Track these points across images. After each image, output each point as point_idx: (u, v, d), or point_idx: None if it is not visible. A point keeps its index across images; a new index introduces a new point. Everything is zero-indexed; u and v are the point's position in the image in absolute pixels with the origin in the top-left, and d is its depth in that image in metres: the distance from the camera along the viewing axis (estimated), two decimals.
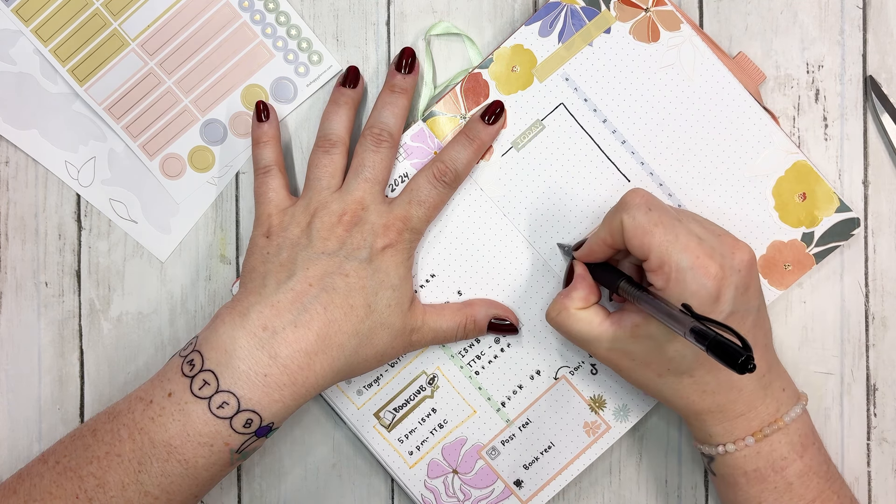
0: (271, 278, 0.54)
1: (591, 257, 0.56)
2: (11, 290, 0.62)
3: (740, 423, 0.53)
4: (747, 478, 0.54)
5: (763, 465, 0.53)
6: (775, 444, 0.53)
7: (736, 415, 0.53)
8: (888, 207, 0.61)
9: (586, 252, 0.56)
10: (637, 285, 0.53)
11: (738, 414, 0.53)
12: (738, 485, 0.54)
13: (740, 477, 0.54)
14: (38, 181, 0.61)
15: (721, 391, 0.53)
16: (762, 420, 0.53)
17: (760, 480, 0.53)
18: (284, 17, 0.61)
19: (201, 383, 0.51)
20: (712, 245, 0.51)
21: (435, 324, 0.57)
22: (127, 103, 0.61)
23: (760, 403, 0.53)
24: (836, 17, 0.61)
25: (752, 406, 0.53)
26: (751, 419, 0.53)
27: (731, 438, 0.53)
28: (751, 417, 0.53)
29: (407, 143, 0.59)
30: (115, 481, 0.50)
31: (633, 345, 0.53)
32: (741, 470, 0.54)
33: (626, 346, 0.53)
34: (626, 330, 0.53)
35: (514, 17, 0.61)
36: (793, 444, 0.54)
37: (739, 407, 0.53)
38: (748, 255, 0.52)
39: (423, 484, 0.60)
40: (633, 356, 0.53)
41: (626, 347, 0.53)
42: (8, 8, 0.60)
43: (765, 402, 0.53)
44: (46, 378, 0.62)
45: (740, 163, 0.59)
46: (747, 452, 0.53)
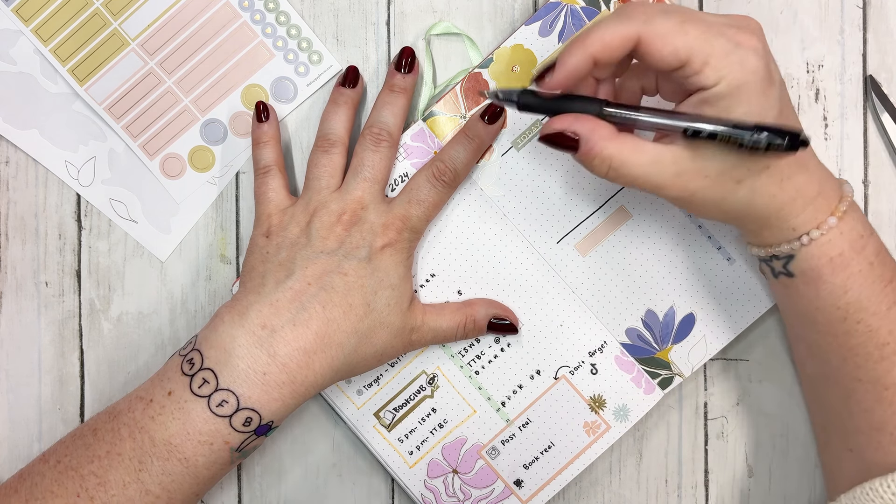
0: (270, 277, 0.54)
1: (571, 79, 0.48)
2: (11, 290, 0.62)
3: (820, 204, 0.50)
4: (832, 265, 0.50)
5: (846, 247, 0.50)
6: (852, 221, 0.51)
7: (813, 196, 0.50)
8: (888, 207, 0.61)
9: (566, 75, 0.47)
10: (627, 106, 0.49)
11: (815, 195, 0.50)
12: (821, 277, 0.50)
13: (825, 267, 0.50)
14: (38, 181, 0.62)
15: (794, 173, 0.49)
16: (833, 197, 0.51)
17: (844, 266, 0.50)
18: (284, 16, 0.61)
19: (201, 382, 0.51)
20: (733, 24, 0.48)
21: (434, 323, 0.57)
22: (127, 103, 0.61)
23: (826, 181, 0.51)
24: (836, 16, 0.61)
25: (821, 184, 0.50)
26: (827, 198, 0.50)
27: (815, 223, 0.50)
28: (825, 196, 0.50)
29: (407, 143, 0.59)
30: (116, 480, 0.50)
31: (704, 157, 0.48)
32: (826, 258, 0.50)
33: (695, 162, 0.48)
34: (687, 144, 0.48)
35: (514, 16, 0.61)
36: (863, 220, 0.51)
37: (813, 187, 0.50)
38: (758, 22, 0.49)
39: (423, 484, 0.60)
40: (707, 169, 0.48)
41: (697, 164, 0.48)
42: (8, 8, 0.60)
43: (828, 178, 0.51)
44: (47, 378, 0.62)
45: None
46: (832, 235, 0.50)
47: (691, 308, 0.59)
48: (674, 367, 0.59)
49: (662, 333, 0.59)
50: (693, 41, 0.45)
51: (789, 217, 0.50)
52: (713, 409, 0.62)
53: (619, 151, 0.48)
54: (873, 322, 0.50)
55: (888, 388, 0.50)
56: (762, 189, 0.49)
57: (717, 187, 0.49)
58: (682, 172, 0.48)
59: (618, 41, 0.46)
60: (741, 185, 0.49)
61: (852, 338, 0.51)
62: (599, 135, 0.48)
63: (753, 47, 0.46)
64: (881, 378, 0.51)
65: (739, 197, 0.49)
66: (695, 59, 0.46)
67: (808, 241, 0.50)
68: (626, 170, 0.48)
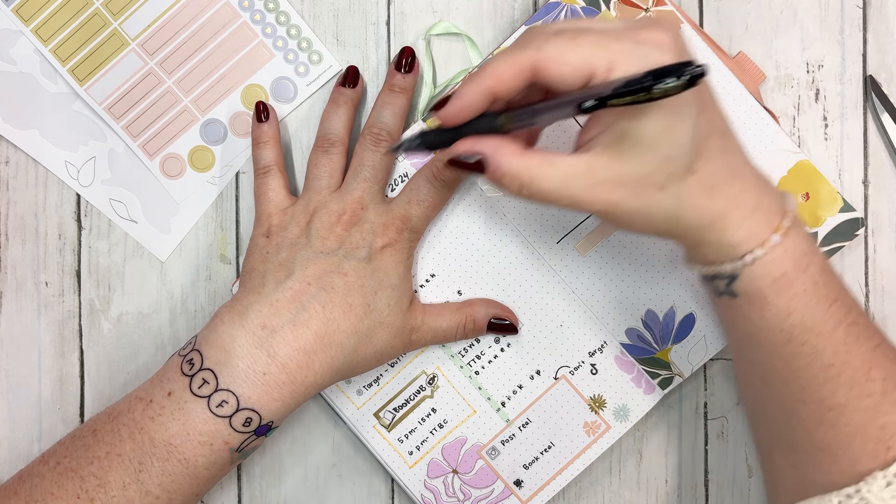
0: (270, 277, 0.54)
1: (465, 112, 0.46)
2: (11, 290, 0.62)
3: (760, 218, 0.47)
4: (776, 286, 0.48)
5: (790, 267, 0.48)
6: (796, 238, 0.48)
7: (752, 208, 0.47)
8: (888, 207, 0.61)
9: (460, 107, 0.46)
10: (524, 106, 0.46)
11: (754, 207, 0.47)
12: (765, 299, 0.48)
13: (769, 288, 0.48)
14: (38, 181, 0.61)
15: (727, 181, 0.47)
16: (775, 211, 0.48)
17: (788, 286, 0.48)
18: (284, 16, 0.61)
19: (200, 382, 0.51)
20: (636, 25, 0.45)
21: (434, 323, 0.57)
22: (127, 103, 0.61)
23: (765, 192, 0.48)
24: (836, 16, 0.61)
25: (760, 196, 0.48)
26: (767, 211, 0.48)
27: (758, 241, 0.47)
28: (766, 209, 0.48)
29: None
30: (116, 481, 0.50)
31: (620, 163, 0.45)
32: (770, 278, 0.48)
33: (611, 170, 0.45)
34: (601, 151, 0.45)
35: (514, 16, 0.61)
36: (807, 237, 0.49)
37: (751, 197, 0.47)
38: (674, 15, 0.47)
39: (423, 484, 0.60)
40: (625, 178, 0.45)
41: (613, 172, 0.45)
42: (8, 8, 0.60)
43: (767, 189, 0.49)
44: (46, 378, 0.62)
45: None
46: (775, 254, 0.47)
47: (691, 308, 0.59)
48: (674, 368, 0.59)
49: (662, 333, 0.59)
50: (588, 51, 0.43)
51: (726, 232, 0.47)
52: (713, 409, 0.62)
53: (528, 167, 0.45)
54: (818, 343, 0.48)
55: (832, 410, 0.49)
56: (689, 197, 0.46)
57: (638, 196, 0.46)
58: (597, 183, 0.45)
59: (512, 73, 0.44)
60: (665, 192, 0.46)
61: (797, 360, 0.49)
62: (504, 152, 0.46)
63: (655, 41, 0.44)
64: (825, 399, 0.49)
65: (665, 206, 0.46)
66: (598, 68, 0.43)
67: (751, 260, 0.47)
68: (539, 184, 0.45)
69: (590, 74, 0.43)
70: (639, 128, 0.44)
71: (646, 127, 0.44)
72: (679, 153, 0.45)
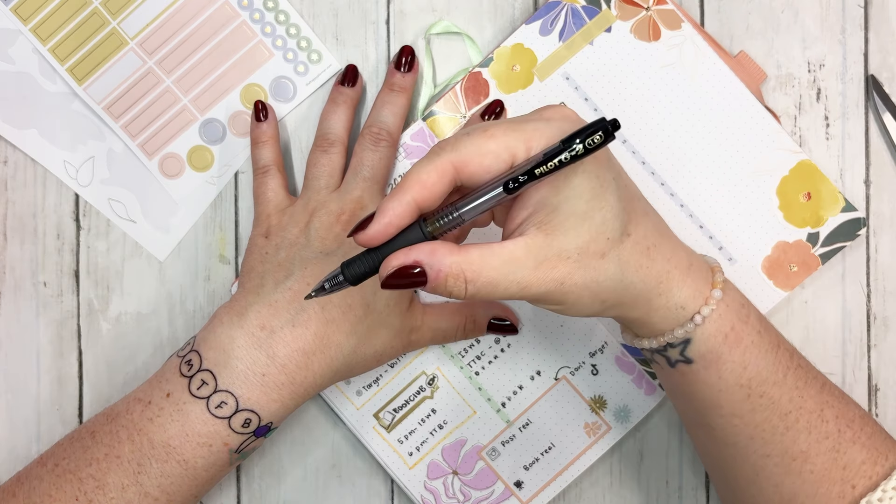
0: (269, 278, 0.54)
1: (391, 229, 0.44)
2: (10, 291, 0.61)
3: (696, 277, 0.48)
4: (728, 342, 0.48)
5: (735, 320, 0.48)
6: (731, 291, 0.49)
7: (686, 266, 0.48)
8: (890, 207, 0.61)
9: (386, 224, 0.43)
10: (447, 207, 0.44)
11: (688, 265, 0.48)
12: (720, 358, 0.48)
13: (722, 345, 0.48)
14: (36, 181, 0.61)
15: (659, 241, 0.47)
16: (704, 268, 0.49)
17: (738, 340, 0.48)
18: (284, 15, 0.61)
19: (199, 383, 0.51)
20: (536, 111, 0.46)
21: (434, 323, 0.57)
22: (126, 102, 0.61)
23: (690, 251, 0.49)
24: (837, 16, 0.61)
25: (689, 254, 0.49)
26: (699, 269, 0.48)
27: (702, 298, 0.48)
28: (698, 267, 0.48)
29: (407, 143, 0.59)
30: (115, 483, 0.50)
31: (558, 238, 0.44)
32: (721, 335, 0.48)
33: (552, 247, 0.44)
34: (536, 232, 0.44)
35: (514, 15, 0.61)
36: (737, 289, 0.50)
37: (683, 256, 0.48)
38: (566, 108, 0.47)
39: (423, 485, 0.60)
40: (568, 252, 0.44)
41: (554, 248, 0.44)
42: (6, 7, 0.60)
43: (689, 248, 0.49)
44: (45, 378, 0.61)
45: (743, 162, 0.59)
46: (721, 310, 0.48)
47: None
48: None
49: None
50: (503, 138, 0.43)
51: (671, 293, 0.47)
52: None
53: (469, 262, 0.43)
54: (775, 393, 0.49)
55: (795, 459, 0.49)
56: (630, 260, 0.46)
57: (583, 267, 0.45)
58: (541, 261, 0.44)
59: (435, 178, 0.43)
60: (607, 259, 0.45)
61: (757, 414, 0.49)
62: (442, 253, 0.43)
63: (562, 116, 0.45)
64: (788, 449, 0.49)
65: (611, 272, 0.45)
66: (516, 150, 0.43)
67: (700, 320, 0.47)
68: (485, 276, 0.43)
69: (510, 159, 0.43)
70: (569, 200, 0.44)
71: (576, 197, 0.44)
72: (612, 216, 0.45)
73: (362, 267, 0.44)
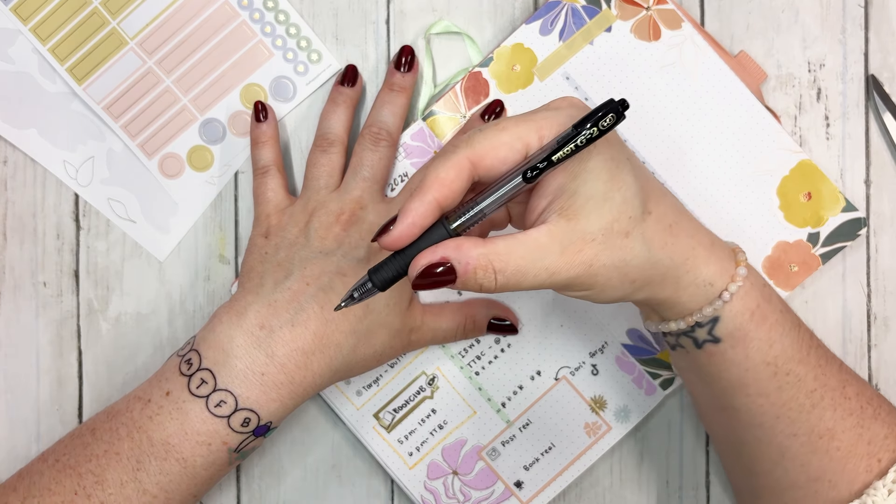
0: (269, 278, 0.54)
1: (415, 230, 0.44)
2: (10, 291, 0.61)
3: (721, 254, 0.48)
4: (754, 319, 0.48)
5: (760, 298, 0.49)
6: (754, 273, 0.50)
7: (710, 244, 0.48)
8: (890, 207, 0.61)
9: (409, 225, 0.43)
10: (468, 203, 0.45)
11: (711, 243, 0.48)
12: (748, 335, 0.48)
13: (749, 322, 0.48)
14: (36, 181, 0.61)
15: (680, 219, 0.48)
16: (725, 246, 0.50)
17: (764, 318, 0.49)
18: (283, 15, 0.61)
19: (199, 382, 0.51)
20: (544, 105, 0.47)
21: (434, 323, 0.57)
22: (125, 102, 0.61)
23: (712, 233, 0.50)
24: (837, 15, 0.61)
25: (711, 235, 0.49)
26: (723, 247, 0.49)
27: (729, 275, 0.48)
28: (720, 245, 0.49)
29: (407, 143, 0.59)
30: (114, 479, 0.50)
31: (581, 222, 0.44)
32: (748, 312, 0.48)
33: (575, 231, 0.44)
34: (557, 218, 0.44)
35: (514, 15, 0.61)
36: (759, 273, 0.50)
37: (704, 234, 0.49)
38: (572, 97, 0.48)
39: (423, 485, 0.60)
40: (592, 234, 0.44)
41: (577, 232, 0.44)
42: (6, 7, 0.60)
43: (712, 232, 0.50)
44: (45, 378, 0.61)
45: (743, 162, 0.59)
46: (746, 287, 0.48)
47: None
48: (675, 368, 0.59)
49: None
50: (515, 129, 0.44)
51: (699, 269, 0.48)
52: None
53: (496, 252, 0.43)
54: (800, 370, 0.49)
55: (822, 437, 0.50)
56: (655, 237, 0.46)
57: (610, 248, 0.45)
58: (567, 246, 0.44)
59: (454, 174, 0.43)
60: (631, 238, 0.45)
61: (784, 392, 0.49)
62: (467, 247, 0.43)
63: (569, 104, 0.46)
64: (815, 427, 0.50)
65: (637, 251, 0.46)
66: (530, 139, 0.44)
67: (728, 297, 0.48)
68: (514, 266, 0.43)
69: (524, 149, 0.44)
70: (587, 183, 0.44)
71: (594, 179, 0.44)
72: (632, 195, 0.45)
73: (390, 271, 0.44)
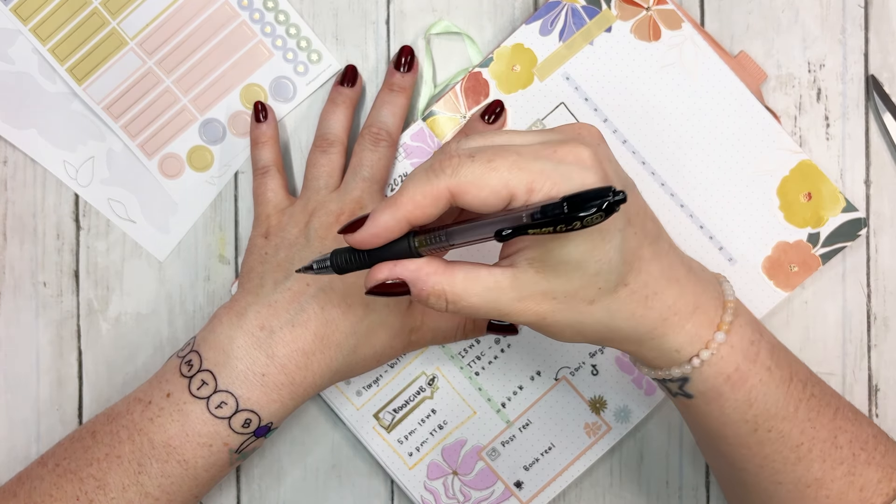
0: (269, 278, 0.54)
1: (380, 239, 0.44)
2: (10, 291, 0.61)
3: (701, 320, 0.46)
4: (731, 382, 0.46)
5: (741, 360, 0.46)
6: (740, 329, 0.47)
7: (690, 311, 0.46)
8: (890, 207, 0.61)
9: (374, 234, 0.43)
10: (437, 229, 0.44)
11: (692, 309, 0.46)
12: (722, 396, 0.47)
13: (723, 385, 0.46)
14: (36, 181, 0.61)
15: (662, 288, 0.45)
16: (713, 307, 0.47)
17: (743, 380, 0.47)
18: (283, 15, 0.60)
19: (199, 383, 0.51)
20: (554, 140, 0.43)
21: (434, 324, 0.57)
22: (125, 102, 0.61)
23: (703, 289, 0.47)
24: (837, 16, 0.61)
25: (697, 296, 0.46)
26: (706, 310, 0.46)
27: (702, 342, 0.46)
28: (704, 308, 0.46)
29: (407, 143, 0.59)
30: (116, 483, 0.50)
31: (547, 279, 0.43)
32: (723, 376, 0.46)
33: (539, 285, 0.43)
34: (526, 267, 0.43)
35: (514, 15, 0.61)
36: (751, 322, 0.48)
37: (688, 300, 0.46)
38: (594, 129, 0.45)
39: (423, 485, 0.60)
40: (554, 293, 0.44)
41: (540, 287, 0.44)
42: (6, 7, 0.60)
43: (705, 285, 0.47)
44: (45, 378, 0.61)
45: (744, 162, 0.59)
46: (723, 352, 0.46)
47: None
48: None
49: None
50: (506, 175, 0.41)
51: (667, 338, 0.46)
52: None
53: (452, 284, 0.43)
54: (784, 427, 0.48)
55: (809, 486, 0.49)
56: (622, 309, 0.45)
57: (568, 309, 0.44)
58: (525, 296, 0.44)
59: (430, 201, 0.42)
60: (595, 306, 0.44)
61: (766, 446, 0.48)
62: (426, 272, 0.44)
63: (576, 160, 0.42)
64: (801, 477, 0.48)
65: (596, 318, 0.45)
66: (517, 191, 0.41)
67: (699, 363, 0.46)
68: (465, 301, 0.44)
69: (508, 197, 0.41)
70: (565, 247, 0.42)
71: (570, 248, 0.42)
72: (607, 269, 0.43)
73: (351, 263, 0.45)
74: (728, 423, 0.48)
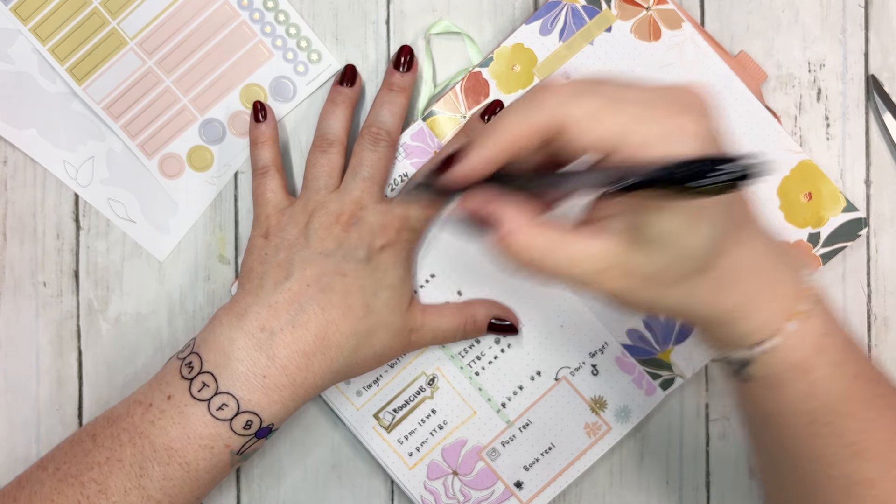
0: (269, 279, 0.54)
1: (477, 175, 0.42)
2: (10, 291, 0.61)
3: (775, 308, 0.44)
4: (794, 372, 0.45)
5: (809, 352, 0.44)
6: (815, 320, 0.45)
7: (766, 300, 0.44)
8: (890, 207, 0.61)
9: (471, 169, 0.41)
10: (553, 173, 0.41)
11: (770, 297, 0.44)
12: (783, 384, 0.45)
13: (786, 373, 0.45)
14: (36, 181, 0.61)
15: (743, 276, 0.44)
16: (790, 296, 0.45)
17: (807, 371, 0.45)
18: (283, 15, 0.60)
19: (200, 385, 0.51)
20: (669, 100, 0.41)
21: (434, 324, 0.57)
22: (125, 102, 0.60)
23: (780, 279, 0.45)
24: (837, 15, 0.61)
25: (775, 286, 0.45)
26: (782, 298, 0.44)
27: (772, 329, 0.44)
28: (781, 297, 0.44)
29: (406, 143, 0.59)
30: (118, 487, 0.50)
31: (631, 254, 0.41)
32: (787, 364, 0.44)
33: (621, 258, 0.42)
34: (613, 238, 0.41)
35: (514, 15, 0.61)
36: (826, 316, 0.45)
37: (766, 291, 0.44)
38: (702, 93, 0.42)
39: (423, 485, 0.60)
40: (635, 270, 0.42)
41: (622, 260, 0.42)
42: (6, 7, 0.60)
43: (786, 271, 0.45)
44: (45, 379, 0.61)
45: None
46: (792, 341, 0.44)
47: None
48: (675, 368, 0.59)
49: (664, 334, 0.59)
50: (619, 127, 0.39)
51: (737, 323, 0.45)
52: (715, 410, 0.61)
53: (543, 242, 0.41)
54: (842, 424, 0.46)
55: (860, 484, 0.46)
56: (701, 294, 0.44)
57: (647, 288, 0.43)
58: (608, 268, 0.42)
59: (530, 133, 0.40)
60: (673, 288, 0.43)
61: (820, 439, 0.46)
62: (524, 220, 0.42)
63: (692, 133, 0.40)
64: (852, 475, 0.47)
65: (673, 300, 0.44)
66: (631, 142, 0.39)
67: (765, 349, 0.45)
68: (549, 262, 0.42)
69: (614, 147, 0.39)
70: (657, 223, 0.40)
71: (664, 223, 0.40)
72: (695, 254, 0.42)
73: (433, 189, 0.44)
74: (785, 411, 0.46)
